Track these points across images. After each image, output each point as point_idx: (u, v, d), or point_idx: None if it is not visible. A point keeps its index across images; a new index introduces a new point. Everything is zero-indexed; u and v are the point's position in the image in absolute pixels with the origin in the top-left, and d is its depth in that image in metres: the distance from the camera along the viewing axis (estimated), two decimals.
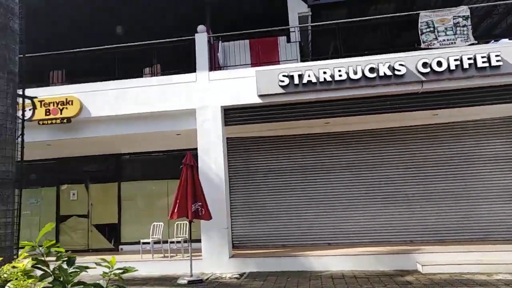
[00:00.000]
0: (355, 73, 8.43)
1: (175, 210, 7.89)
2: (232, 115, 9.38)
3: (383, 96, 8.83)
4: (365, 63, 8.50)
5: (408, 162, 10.05)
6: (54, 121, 9.79)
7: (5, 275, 2.16)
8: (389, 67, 8.38)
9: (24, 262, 2.71)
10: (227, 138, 9.73)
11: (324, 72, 8.52)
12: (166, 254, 9.57)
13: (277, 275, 8.12)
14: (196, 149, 11.53)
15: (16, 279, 2.15)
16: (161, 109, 9.51)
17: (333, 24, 9.13)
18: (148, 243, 9.42)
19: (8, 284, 2.15)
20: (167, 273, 8.68)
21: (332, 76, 8.51)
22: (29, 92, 10.15)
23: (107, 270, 3.96)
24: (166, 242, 9.92)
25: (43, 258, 3.93)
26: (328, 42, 10.10)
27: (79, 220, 11.75)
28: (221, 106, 9.27)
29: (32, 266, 3.19)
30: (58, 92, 10.00)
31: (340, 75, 8.44)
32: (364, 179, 10.14)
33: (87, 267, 4.27)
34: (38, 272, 3.39)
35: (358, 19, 9.11)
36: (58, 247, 4.63)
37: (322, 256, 8.76)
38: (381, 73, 8.37)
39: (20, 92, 10.27)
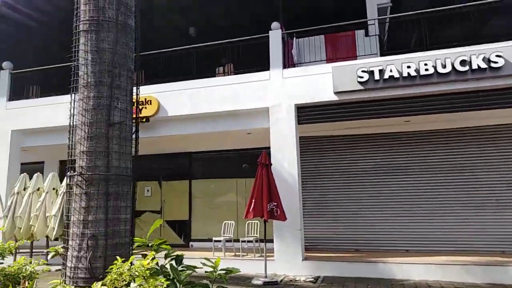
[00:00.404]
0: (444, 66, 7.76)
1: (251, 210, 7.81)
2: (306, 113, 9.12)
3: (474, 91, 8.04)
4: (455, 55, 7.79)
5: (500, 164, 9.09)
6: (134, 121, 10.17)
7: (136, 273, 2.14)
8: (483, 59, 7.59)
9: (147, 259, 2.69)
10: (299, 137, 9.48)
11: (408, 67, 7.95)
12: (237, 253, 9.55)
13: (355, 281, 7.72)
14: (265, 147, 11.48)
15: (144, 277, 2.12)
16: (234, 108, 9.52)
17: (418, 14, 8.49)
18: (220, 241, 9.45)
19: (136, 284, 2.13)
20: (239, 272, 8.61)
21: (417, 70, 7.92)
22: None
23: (209, 269, 3.88)
24: (237, 240, 9.95)
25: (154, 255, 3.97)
26: (409, 34, 9.43)
27: (152, 216, 12.18)
28: (295, 104, 9.05)
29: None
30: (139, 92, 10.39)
31: (426, 69, 7.83)
32: (449, 182, 9.35)
33: (195, 267, 4.27)
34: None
35: (447, 7, 8.38)
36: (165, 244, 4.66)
37: (402, 263, 8.17)
38: (474, 66, 7.61)
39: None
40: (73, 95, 4.59)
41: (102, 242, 4.13)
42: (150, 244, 4.52)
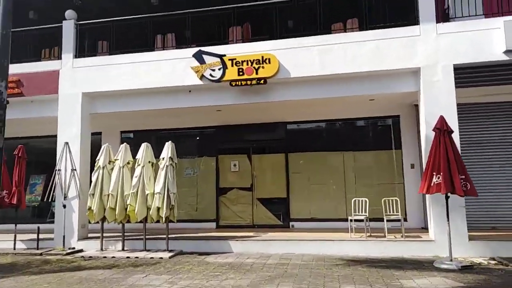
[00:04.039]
0: None
1: (433, 183, 6.69)
2: (466, 75, 8.00)
3: None
4: None
5: None
6: (249, 82, 8.69)
7: None
8: None
9: None
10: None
11: None
12: (375, 234, 8.36)
13: None
14: (379, 118, 10.36)
15: None
16: (376, 68, 8.27)
17: None
18: (361, 220, 8.28)
19: None
20: (388, 254, 7.55)
21: None
22: (217, 49, 9.16)
23: None
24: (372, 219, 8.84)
25: None
26: None
27: (241, 193, 10.81)
28: (454, 65, 7.90)
29: None
30: (250, 49, 8.87)
31: None
32: None
33: None
34: None
35: None
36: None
37: None
38: None
39: (205, 49, 9.35)
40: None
41: None
42: None
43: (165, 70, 9.36)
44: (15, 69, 10.12)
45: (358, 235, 8.26)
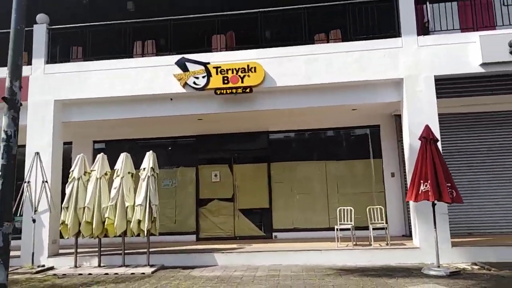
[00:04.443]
0: None
1: (421, 191, 6.78)
2: (445, 86, 8.27)
3: None
4: None
5: None
6: (234, 91, 8.54)
7: None
8: None
9: None
10: None
11: None
12: (361, 243, 8.35)
13: None
14: (362, 126, 10.52)
15: None
16: (360, 79, 8.38)
17: None
18: (348, 229, 8.25)
19: None
20: (376, 263, 7.55)
21: None
22: (200, 57, 8.96)
23: None
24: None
25: None
26: None
27: (222, 204, 10.53)
28: (434, 76, 8.16)
29: None
30: (235, 58, 8.75)
31: None
32: None
33: None
34: None
35: None
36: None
37: None
38: None
39: (188, 56, 9.10)
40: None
41: None
42: None
43: (145, 77, 9.04)
44: None
45: (344, 244, 8.22)
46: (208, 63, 8.74)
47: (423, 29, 8.75)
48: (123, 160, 8.30)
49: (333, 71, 8.45)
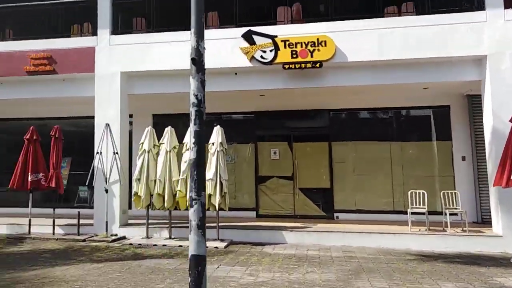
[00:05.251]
0: None
1: None
2: None
3: None
4: None
5: None
6: (303, 65, 8.27)
7: None
8: None
9: None
10: None
11: None
12: (434, 228, 8.03)
13: None
14: (428, 107, 10.07)
15: None
16: (438, 55, 7.91)
17: None
18: (423, 213, 7.98)
19: None
20: (454, 249, 7.28)
21: None
22: (267, 30, 8.70)
23: None
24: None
25: None
26: None
27: (281, 182, 10.44)
28: None
29: None
30: (303, 31, 8.43)
31: None
32: None
33: None
34: None
35: None
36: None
37: None
38: None
39: (255, 29, 8.86)
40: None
41: None
42: None
43: (209, 50, 8.75)
44: (46, 44, 9.60)
45: (416, 228, 7.98)
46: (276, 36, 8.47)
47: (510, 1, 8.08)
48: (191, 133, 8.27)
49: (409, 46, 8.00)
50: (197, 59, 3.24)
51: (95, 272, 5.40)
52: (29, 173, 8.64)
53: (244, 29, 8.70)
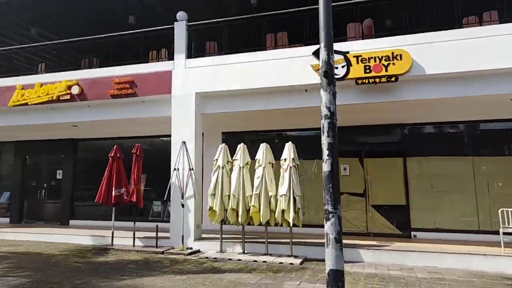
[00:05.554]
0: None
1: None
2: None
3: None
4: None
5: None
6: (377, 80, 8.11)
7: None
8: None
9: None
10: None
11: None
12: None
13: None
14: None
15: None
16: None
17: None
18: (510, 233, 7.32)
19: None
20: None
21: None
22: (338, 46, 8.70)
23: None
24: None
25: None
26: None
27: (352, 199, 10.16)
28: None
29: None
30: (376, 45, 8.30)
31: None
32: None
33: None
34: None
35: None
36: None
37: None
38: None
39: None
40: None
41: None
42: None
43: (280, 69, 9.04)
44: (128, 70, 10.40)
45: (510, 250, 7.29)
46: (348, 52, 8.41)
47: None
48: (264, 150, 8.40)
49: (492, 56, 7.52)
50: (329, 72, 3.30)
51: (181, 284, 5.59)
52: (113, 188, 9.28)
53: (314, 47, 8.77)
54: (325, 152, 3.12)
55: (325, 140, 3.13)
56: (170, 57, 10.71)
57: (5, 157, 14.14)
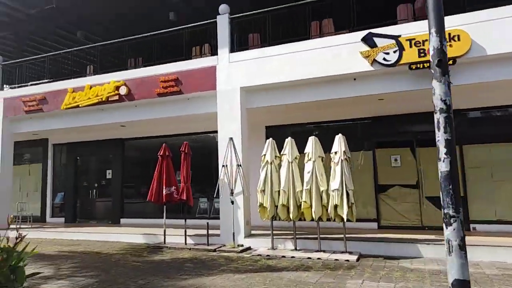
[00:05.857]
0: None
1: None
2: None
3: None
4: None
5: None
6: None
7: None
8: None
9: None
10: None
11: None
12: None
13: None
14: None
15: None
16: None
17: None
18: None
19: None
20: None
21: None
22: (388, 30, 8.32)
23: None
24: None
25: None
26: None
27: (404, 191, 9.77)
28: None
29: None
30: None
31: None
32: None
33: None
34: None
35: None
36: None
37: None
38: None
39: (375, 31, 8.54)
40: None
41: None
42: None
43: (327, 58, 8.75)
44: (172, 67, 10.46)
45: None
46: (400, 35, 8.00)
47: None
48: (313, 144, 8.19)
49: None
50: (443, 61, 3.07)
51: (242, 283, 5.56)
52: (164, 187, 9.43)
53: (362, 33, 8.40)
54: (442, 150, 2.90)
55: (441, 137, 2.90)
56: (213, 52, 10.66)
57: (57, 159, 14.79)
